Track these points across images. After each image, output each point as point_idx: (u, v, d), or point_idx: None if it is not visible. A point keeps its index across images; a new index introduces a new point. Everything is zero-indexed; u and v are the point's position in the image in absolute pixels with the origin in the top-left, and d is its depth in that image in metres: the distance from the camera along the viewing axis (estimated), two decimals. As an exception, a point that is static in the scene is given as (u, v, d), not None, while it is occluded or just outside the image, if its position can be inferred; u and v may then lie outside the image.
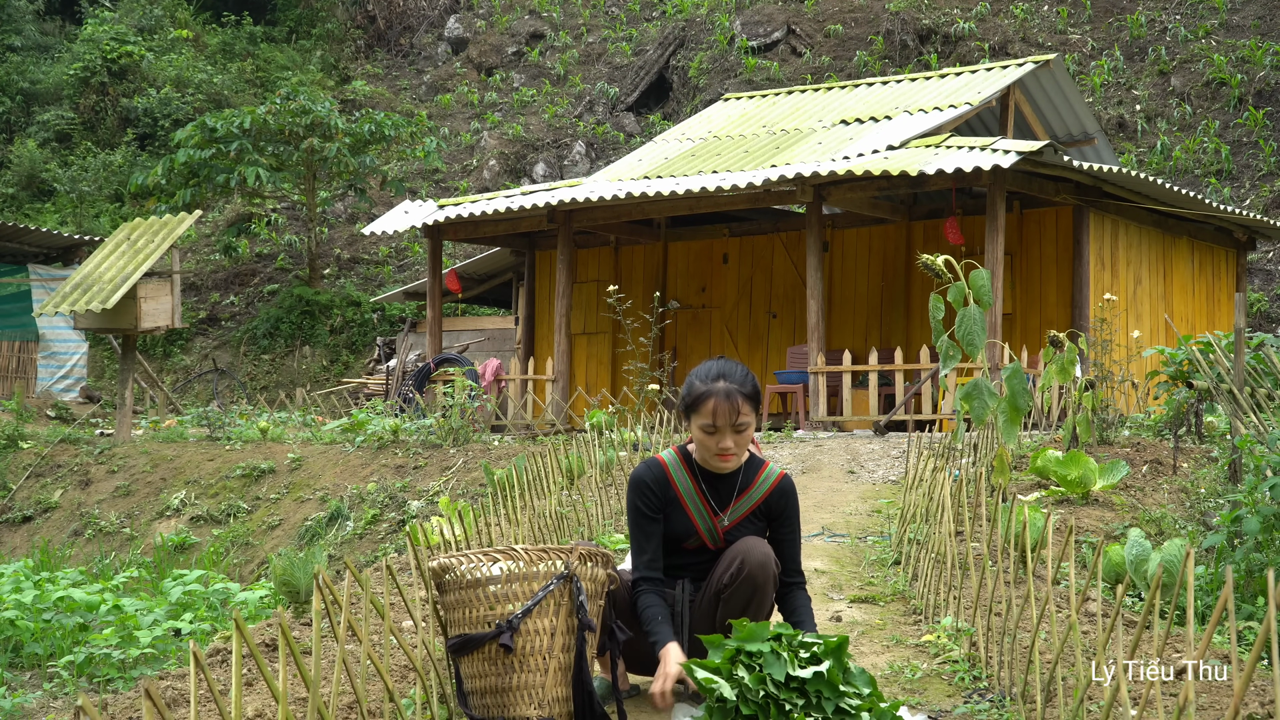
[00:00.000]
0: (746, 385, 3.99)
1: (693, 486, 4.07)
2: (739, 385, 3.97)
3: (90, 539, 12.32)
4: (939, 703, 4.16)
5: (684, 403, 4.03)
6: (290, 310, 24.67)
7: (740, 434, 3.98)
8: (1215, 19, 24.64)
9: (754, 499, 4.10)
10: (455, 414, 12.35)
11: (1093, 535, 6.82)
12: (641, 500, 4.05)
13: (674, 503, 4.07)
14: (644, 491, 4.05)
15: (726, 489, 4.10)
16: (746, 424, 3.97)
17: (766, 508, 4.11)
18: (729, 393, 3.94)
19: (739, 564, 3.94)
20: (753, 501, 4.09)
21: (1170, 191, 13.94)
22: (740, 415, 3.95)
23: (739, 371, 4.02)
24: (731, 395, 3.94)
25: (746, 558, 3.94)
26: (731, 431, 3.96)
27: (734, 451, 3.99)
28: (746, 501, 4.09)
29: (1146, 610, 3.11)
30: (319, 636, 3.08)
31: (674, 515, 4.07)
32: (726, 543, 4.09)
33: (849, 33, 27.40)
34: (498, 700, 3.62)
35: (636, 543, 4.05)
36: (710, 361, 4.08)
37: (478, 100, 30.36)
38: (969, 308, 4.91)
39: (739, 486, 4.10)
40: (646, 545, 4.03)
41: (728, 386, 3.96)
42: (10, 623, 7.04)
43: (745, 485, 4.11)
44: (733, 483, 4.10)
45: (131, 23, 32.03)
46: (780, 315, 16.37)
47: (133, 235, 14.69)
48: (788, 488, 4.15)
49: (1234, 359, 7.35)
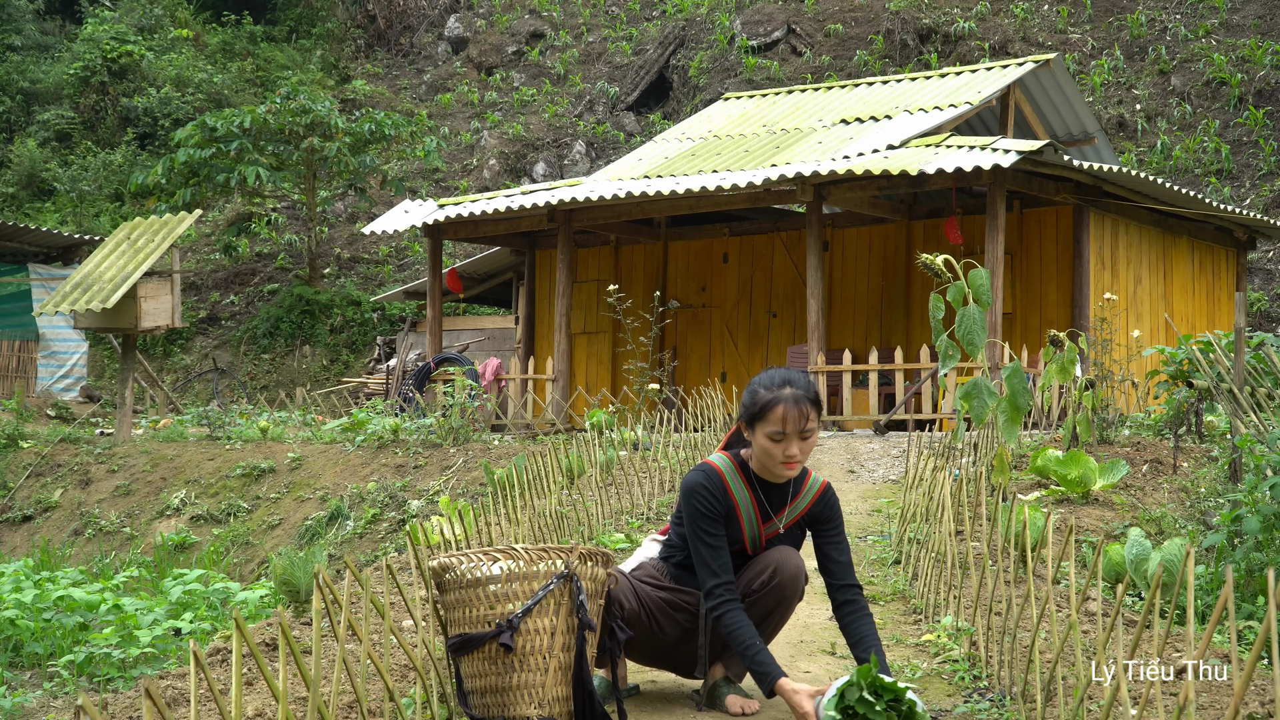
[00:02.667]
0: (812, 392, 3.98)
1: (748, 495, 4.04)
2: (805, 391, 3.94)
3: (90, 538, 12.32)
4: (939, 702, 4.16)
5: (748, 411, 3.96)
6: (290, 310, 24.67)
7: (805, 440, 3.94)
8: (1215, 18, 24.64)
9: (800, 507, 4.09)
10: (455, 413, 12.35)
11: (1093, 535, 6.82)
12: (705, 506, 3.97)
13: (730, 510, 4.03)
14: (705, 500, 3.98)
15: (779, 497, 4.08)
16: (812, 430, 3.95)
17: (810, 517, 4.11)
18: (797, 399, 3.91)
19: (772, 572, 3.96)
20: (799, 510, 4.09)
21: (1170, 191, 13.94)
22: (808, 422, 3.93)
23: (803, 379, 4.00)
24: (800, 401, 3.91)
25: (781, 567, 3.96)
26: (798, 439, 3.93)
27: (799, 459, 3.96)
28: (794, 510, 4.09)
29: (1146, 610, 3.11)
30: (319, 636, 3.08)
31: (730, 529, 4.04)
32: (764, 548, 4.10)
33: (849, 32, 27.40)
34: (498, 699, 3.62)
35: (704, 551, 3.96)
36: (772, 370, 4.04)
37: (478, 100, 30.36)
38: (969, 307, 4.91)
39: (790, 495, 4.09)
40: (718, 554, 3.96)
41: (795, 393, 3.92)
42: (10, 622, 7.04)
43: (794, 493, 4.09)
44: (785, 491, 4.08)
45: (131, 22, 32.03)
46: (780, 315, 16.37)
47: (133, 235, 14.69)
48: (831, 496, 4.14)
49: (1234, 358, 7.35)
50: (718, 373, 16.50)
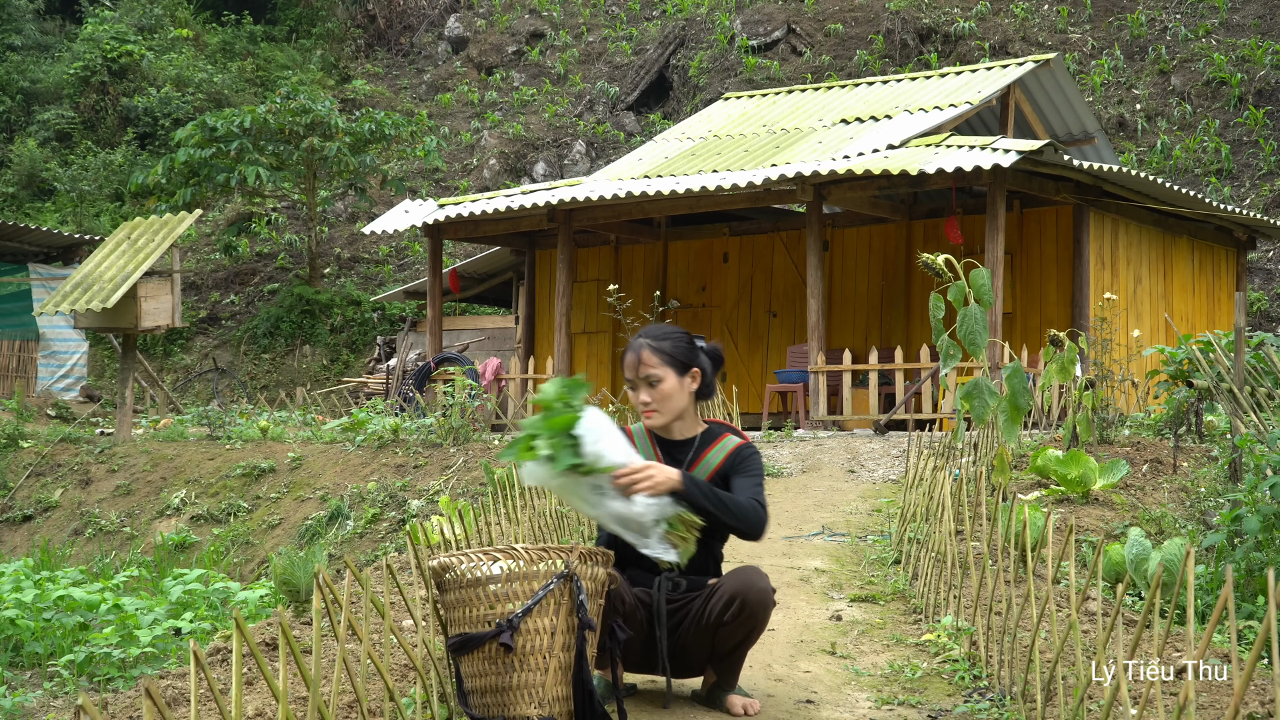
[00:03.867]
0: (660, 340, 4.05)
1: (653, 454, 4.07)
2: (650, 339, 4.04)
3: (90, 538, 12.32)
4: (939, 702, 4.16)
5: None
6: (290, 309, 24.67)
7: (655, 388, 4.02)
8: (1215, 18, 24.64)
9: (710, 466, 4.05)
10: (455, 413, 12.35)
11: (1093, 534, 6.82)
12: None
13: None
14: None
15: (681, 455, 4.08)
16: (659, 378, 4.01)
17: (722, 475, 4.05)
18: (638, 346, 4.04)
19: (739, 604, 3.86)
20: (711, 468, 4.05)
21: (1170, 191, 13.94)
22: (646, 368, 4.00)
23: (661, 329, 4.10)
24: (640, 349, 4.03)
25: (745, 596, 3.87)
26: (646, 386, 4.03)
27: (653, 406, 4.04)
28: (703, 470, 4.04)
29: (1146, 609, 3.11)
30: (319, 635, 3.08)
31: None
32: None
33: (849, 32, 27.40)
34: (498, 699, 3.62)
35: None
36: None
37: (478, 99, 30.37)
38: (970, 307, 4.91)
39: (694, 453, 4.08)
40: None
41: (639, 341, 4.05)
42: (10, 622, 7.03)
43: (700, 452, 4.08)
44: (688, 449, 4.09)
45: (131, 22, 32.03)
46: (780, 314, 16.37)
47: (133, 234, 14.69)
48: (747, 452, 4.09)
49: (1234, 358, 7.35)
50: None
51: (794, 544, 7.01)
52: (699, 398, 4.12)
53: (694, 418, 4.13)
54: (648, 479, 3.73)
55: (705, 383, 4.11)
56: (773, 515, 7.98)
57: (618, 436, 3.79)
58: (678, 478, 3.78)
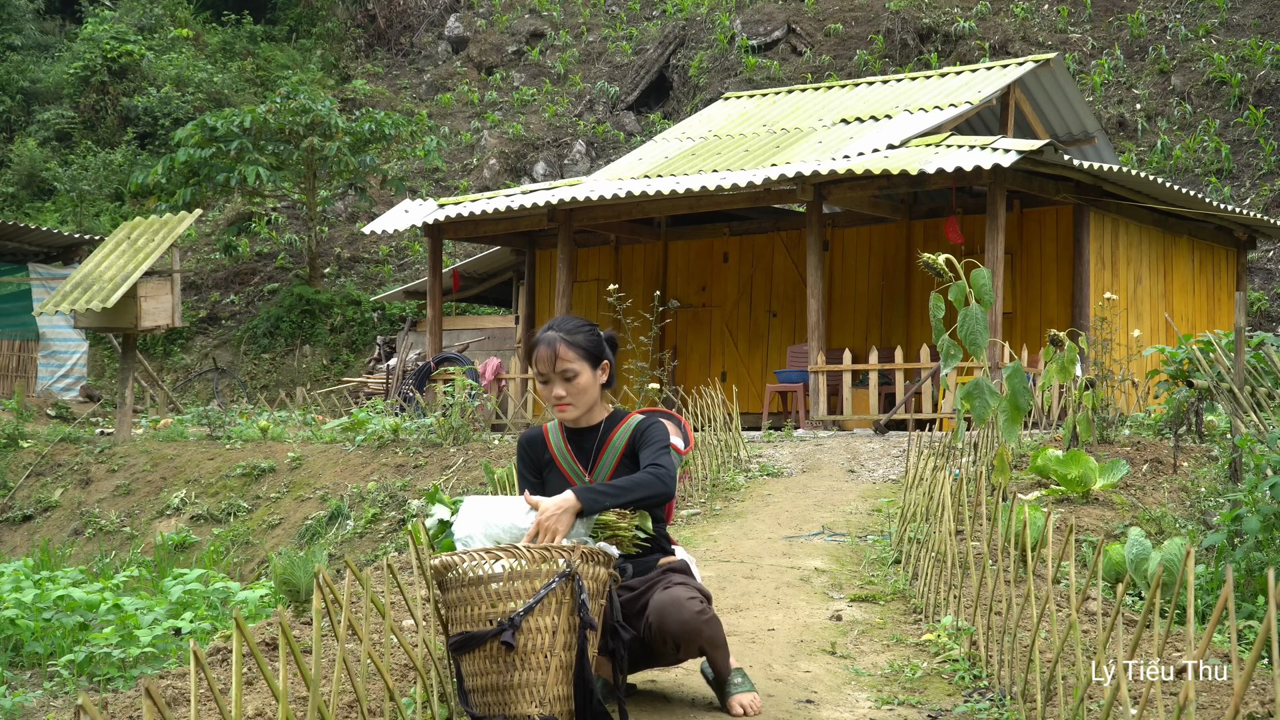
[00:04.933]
0: (573, 332, 4.02)
1: (565, 448, 4.08)
2: (562, 333, 4.01)
3: (90, 538, 12.32)
4: (939, 702, 4.16)
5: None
6: (290, 309, 24.66)
7: (570, 382, 3.99)
8: (1215, 18, 24.64)
9: (617, 449, 4.06)
10: (455, 413, 12.35)
11: (1093, 534, 6.82)
12: (521, 462, 4.14)
13: (550, 465, 4.10)
14: (521, 453, 4.14)
15: (589, 444, 4.09)
16: (575, 373, 3.99)
17: (631, 453, 4.04)
18: (550, 340, 4.00)
19: (658, 626, 3.83)
20: (617, 452, 4.05)
21: (1170, 190, 13.94)
22: (562, 362, 3.98)
23: (571, 323, 4.06)
24: (552, 343, 3.99)
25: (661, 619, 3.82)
26: (561, 380, 3.99)
27: (568, 400, 4.01)
28: (611, 453, 4.05)
29: (1147, 609, 3.11)
30: (319, 635, 3.08)
31: (551, 478, 4.08)
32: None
33: (849, 32, 27.40)
34: (499, 698, 3.62)
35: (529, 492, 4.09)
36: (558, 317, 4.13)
37: (478, 99, 30.36)
38: (971, 306, 4.91)
39: (600, 438, 4.08)
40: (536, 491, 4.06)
41: (550, 335, 4.01)
42: (10, 622, 7.03)
43: (606, 436, 4.08)
44: (593, 436, 4.09)
45: (131, 22, 32.03)
46: (780, 314, 16.37)
47: (133, 234, 14.69)
48: (646, 423, 4.08)
49: (1234, 358, 7.35)
50: (718, 372, 16.51)
51: (794, 544, 7.01)
52: (605, 387, 4.12)
53: (601, 406, 4.13)
54: (550, 533, 3.73)
55: (612, 373, 4.12)
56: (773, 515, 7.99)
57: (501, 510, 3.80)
58: (574, 504, 3.76)
